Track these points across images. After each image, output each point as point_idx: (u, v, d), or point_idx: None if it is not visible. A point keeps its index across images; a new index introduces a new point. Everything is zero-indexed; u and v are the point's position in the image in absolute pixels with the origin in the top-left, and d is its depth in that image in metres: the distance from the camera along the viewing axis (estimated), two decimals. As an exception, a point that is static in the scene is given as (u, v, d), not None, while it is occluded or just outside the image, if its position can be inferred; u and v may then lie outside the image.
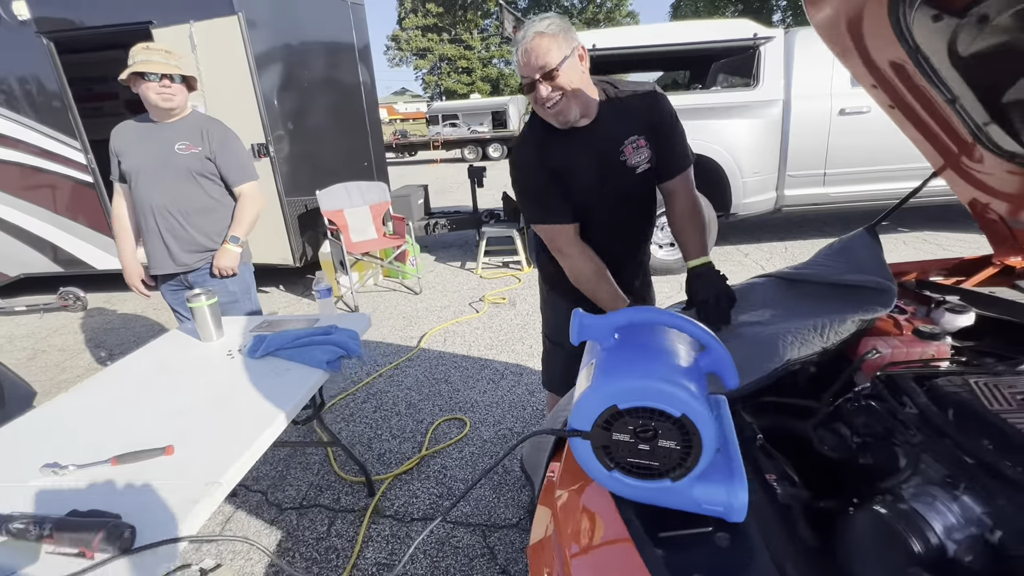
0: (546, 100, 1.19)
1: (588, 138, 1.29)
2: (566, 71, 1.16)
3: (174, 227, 2.03)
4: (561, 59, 1.15)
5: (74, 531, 0.84)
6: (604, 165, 1.31)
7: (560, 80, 1.16)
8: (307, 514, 1.93)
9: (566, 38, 1.17)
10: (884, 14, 0.97)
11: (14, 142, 4.19)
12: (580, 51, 1.21)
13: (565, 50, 1.16)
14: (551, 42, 1.15)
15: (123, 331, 4.00)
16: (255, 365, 1.50)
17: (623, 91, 1.32)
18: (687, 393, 0.77)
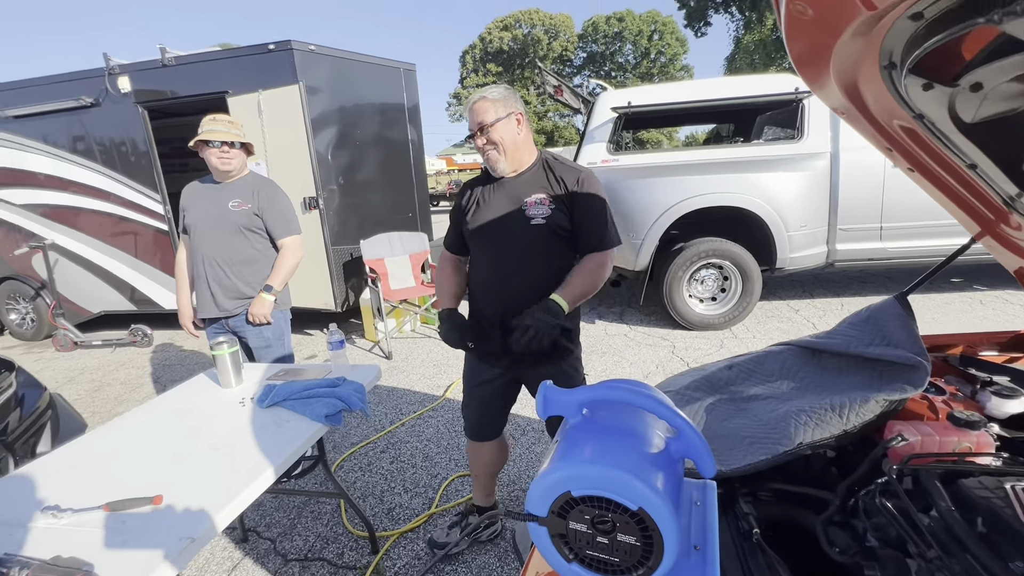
0: (481, 149, 1.50)
1: (505, 188, 1.53)
2: (498, 129, 1.46)
3: (220, 276, 2.25)
4: (495, 119, 1.45)
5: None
6: (507, 212, 1.51)
7: (492, 136, 1.46)
8: (310, 567, 1.91)
9: (505, 104, 1.47)
10: (879, 79, 0.92)
11: (106, 194, 4.76)
12: (518, 116, 1.50)
13: (501, 113, 1.46)
14: (491, 105, 1.47)
15: (179, 367, 4.28)
16: (261, 414, 1.54)
17: (557, 165, 1.54)
18: (645, 484, 0.71)
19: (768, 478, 1.08)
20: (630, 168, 4.12)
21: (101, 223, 4.86)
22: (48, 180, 4.82)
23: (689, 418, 0.82)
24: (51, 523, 1.08)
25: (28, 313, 5.31)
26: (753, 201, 3.86)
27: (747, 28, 23.43)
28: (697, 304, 4.19)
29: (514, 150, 1.50)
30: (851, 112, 1.11)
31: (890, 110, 1.02)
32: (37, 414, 2.31)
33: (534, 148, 1.57)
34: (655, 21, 37.68)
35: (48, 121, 4.63)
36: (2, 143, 4.78)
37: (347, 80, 4.43)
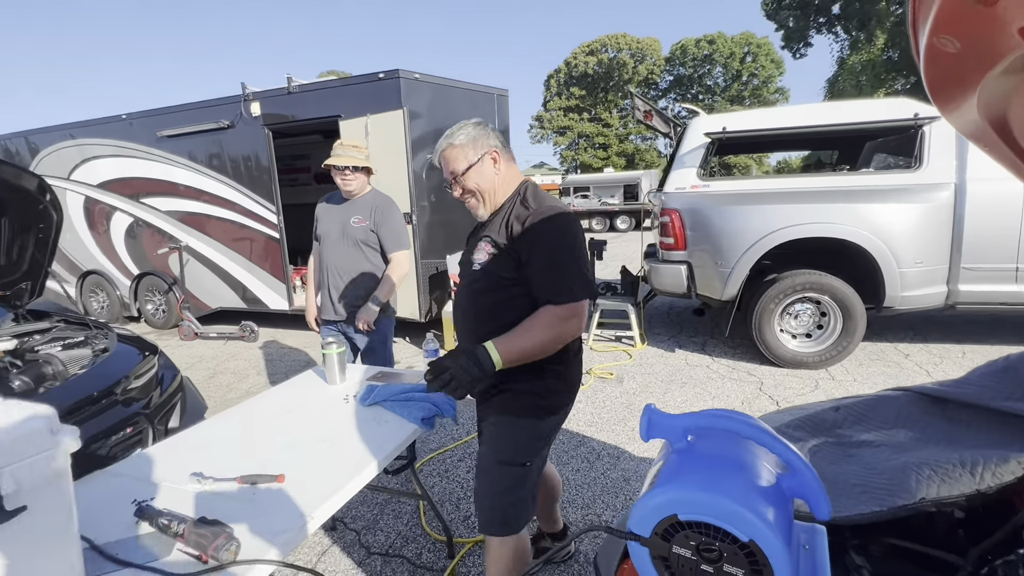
0: (460, 198, 1.40)
1: (481, 230, 1.43)
2: (471, 176, 1.34)
3: (338, 284, 2.52)
4: (467, 167, 1.33)
5: (199, 536, 1.01)
6: (467, 256, 1.45)
7: (467, 184, 1.36)
8: (391, 563, 2.01)
9: (474, 147, 1.34)
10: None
11: (232, 204, 5.39)
12: (492, 155, 1.35)
13: (472, 158, 1.33)
14: (459, 152, 1.34)
15: (279, 363, 4.70)
16: (363, 412, 1.67)
17: (518, 202, 1.35)
18: (757, 516, 0.71)
19: (882, 532, 1.01)
20: (722, 195, 3.99)
21: (225, 229, 5.51)
22: (187, 190, 5.56)
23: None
24: (196, 487, 1.25)
25: (161, 305, 6.10)
26: (860, 233, 3.58)
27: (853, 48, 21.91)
28: (789, 340, 3.93)
29: (492, 194, 1.37)
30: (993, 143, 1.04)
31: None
32: (171, 393, 2.65)
33: (515, 181, 1.40)
34: (749, 43, 36.35)
35: (191, 140, 5.37)
36: (155, 158, 5.60)
37: (445, 105, 4.73)
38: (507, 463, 1.37)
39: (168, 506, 1.18)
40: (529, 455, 1.38)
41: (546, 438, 1.43)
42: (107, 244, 6.19)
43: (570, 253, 1.27)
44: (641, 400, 3.46)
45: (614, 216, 18.50)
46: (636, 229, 17.88)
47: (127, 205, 5.91)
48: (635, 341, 4.64)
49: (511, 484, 1.38)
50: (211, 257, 5.66)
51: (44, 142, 6.12)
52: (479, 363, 1.22)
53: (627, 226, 18.22)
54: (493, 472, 1.39)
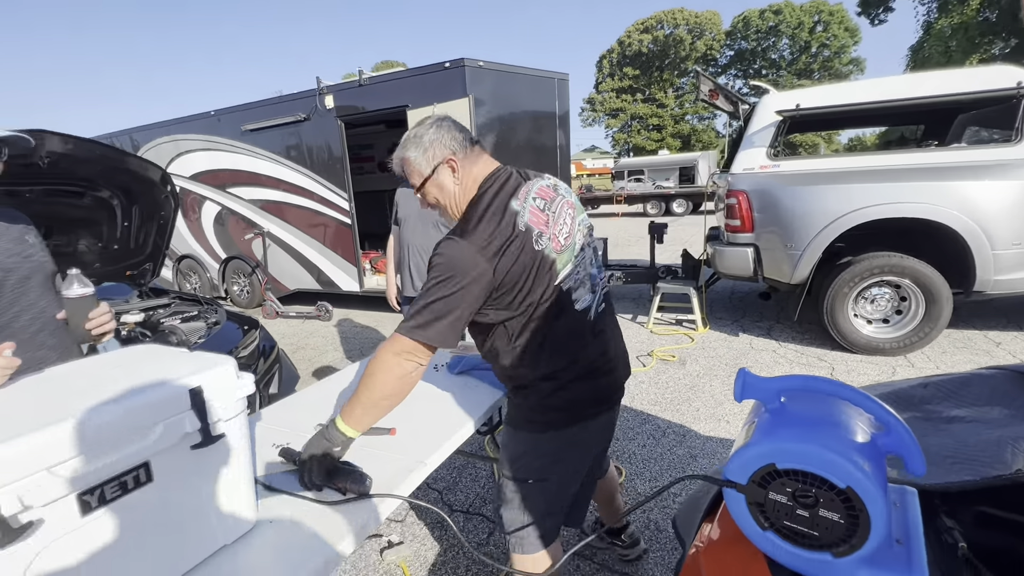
0: (425, 208, 1.31)
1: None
2: (430, 189, 1.24)
3: (418, 263, 2.73)
4: (422, 181, 1.23)
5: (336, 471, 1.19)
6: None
7: (427, 198, 1.27)
8: (472, 519, 2.19)
9: (426, 159, 1.21)
10: None
11: (308, 192, 5.77)
12: (450, 163, 1.21)
13: (426, 171, 1.22)
14: (412, 166, 1.23)
15: (354, 340, 5.04)
16: (452, 379, 1.84)
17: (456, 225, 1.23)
18: (855, 466, 0.77)
19: (972, 501, 1.03)
20: (794, 175, 3.86)
21: (301, 215, 5.90)
22: (268, 180, 5.99)
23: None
24: (323, 436, 1.44)
25: (245, 286, 6.65)
26: (948, 213, 3.38)
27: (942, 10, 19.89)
28: (864, 325, 3.78)
29: (454, 204, 1.24)
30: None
31: None
32: (271, 362, 2.95)
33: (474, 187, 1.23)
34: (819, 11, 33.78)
35: (272, 133, 5.76)
36: (239, 151, 6.06)
37: (507, 91, 4.83)
38: (507, 476, 1.35)
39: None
40: (530, 473, 1.31)
41: (552, 456, 1.30)
42: (198, 231, 6.79)
43: (430, 289, 1.13)
44: (705, 383, 3.46)
45: (670, 200, 17.99)
46: (693, 213, 17.31)
47: (216, 195, 6.45)
48: (697, 325, 4.60)
49: (511, 498, 1.34)
50: (289, 242, 6.10)
51: (144, 139, 6.76)
52: (327, 436, 1.17)
53: (684, 210, 17.68)
54: (499, 484, 1.40)
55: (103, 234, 2.72)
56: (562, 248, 1.22)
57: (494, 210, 1.17)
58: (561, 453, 1.31)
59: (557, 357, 1.24)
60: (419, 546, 2.05)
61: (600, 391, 1.32)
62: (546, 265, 1.18)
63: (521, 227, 1.16)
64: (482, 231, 1.13)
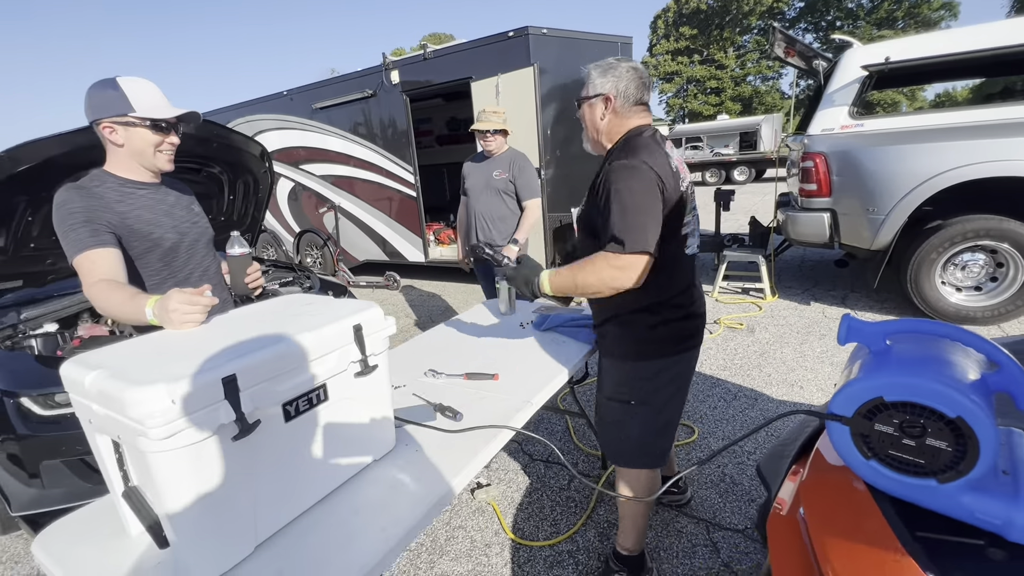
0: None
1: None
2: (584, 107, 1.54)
3: (484, 228, 2.91)
4: (583, 98, 1.54)
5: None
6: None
7: (580, 109, 1.57)
8: (551, 468, 2.35)
9: (594, 85, 1.49)
10: None
11: (375, 167, 6.02)
12: (607, 99, 1.45)
13: (589, 92, 1.51)
14: (586, 82, 1.52)
15: (422, 307, 5.31)
16: (541, 336, 1.96)
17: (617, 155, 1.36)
18: (966, 396, 0.82)
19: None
20: (879, 134, 3.65)
21: (369, 190, 6.18)
22: (337, 156, 6.29)
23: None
24: (433, 381, 1.61)
25: (318, 258, 7.08)
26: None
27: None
28: (953, 292, 3.59)
29: (594, 130, 1.54)
30: None
31: None
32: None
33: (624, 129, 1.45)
34: (907, -50, 30.25)
35: (340, 110, 6.02)
36: (311, 128, 6.38)
37: (571, 58, 4.79)
38: (610, 398, 1.52)
39: (417, 391, 1.55)
40: (632, 395, 1.46)
41: (652, 379, 1.45)
42: (274, 206, 7.26)
43: (630, 205, 1.25)
44: (775, 350, 3.44)
45: (730, 167, 17.17)
46: (756, 180, 16.48)
47: (289, 171, 6.85)
48: (765, 293, 4.51)
49: (617, 419, 1.51)
50: (358, 215, 6.41)
51: (222, 120, 7.21)
52: (530, 282, 1.48)
53: (746, 177, 16.85)
54: (601, 406, 1.58)
55: (213, 207, 3.02)
56: (688, 197, 1.42)
57: (654, 147, 1.35)
58: (657, 379, 1.46)
59: (672, 289, 1.42)
60: (506, 488, 2.24)
61: (697, 328, 1.50)
62: (683, 206, 1.37)
63: (673, 167, 1.36)
64: (650, 156, 1.30)
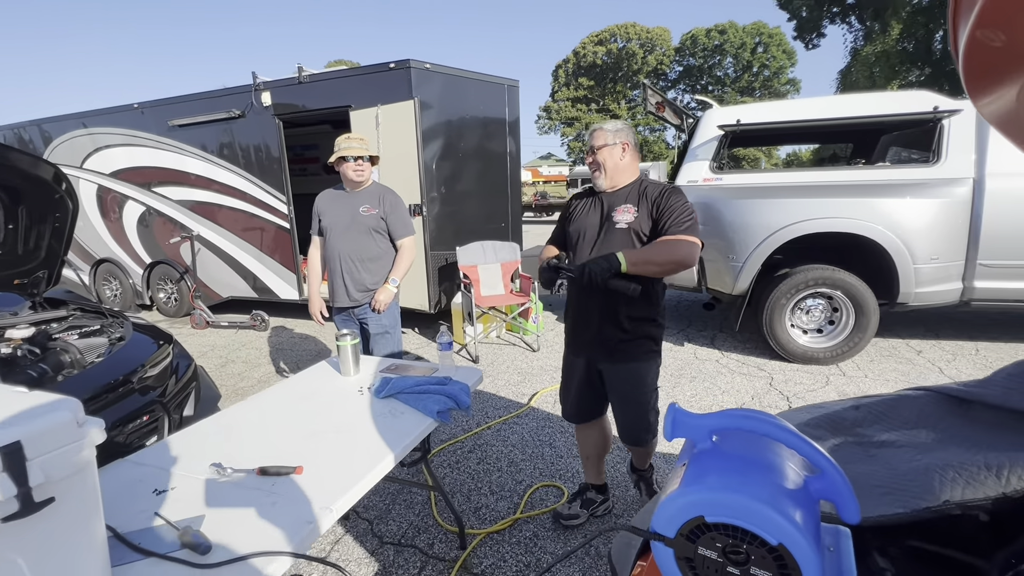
0: (589, 165, 1.86)
1: (602, 199, 1.86)
2: (604, 152, 1.80)
3: (352, 271, 2.59)
4: (603, 144, 1.80)
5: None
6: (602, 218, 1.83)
7: (600, 155, 1.81)
8: (403, 552, 2.03)
9: (616, 135, 1.80)
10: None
11: (242, 194, 5.41)
12: (625, 145, 1.81)
13: (611, 141, 1.80)
14: (608, 131, 1.81)
15: (290, 352, 4.74)
16: (378, 404, 1.68)
17: (648, 183, 1.81)
18: (788, 520, 0.70)
19: (904, 534, 1.00)
20: (734, 188, 3.95)
21: (236, 219, 5.53)
22: (198, 180, 5.57)
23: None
24: (217, 477, 1.26)
25: (172, 293, 6.15)
26: (874, 228, 3.54)
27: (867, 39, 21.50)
28: (800, 335, 3.90)
29: (615, 169, 1.82)
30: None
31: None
32: (186, 382, 2.67)
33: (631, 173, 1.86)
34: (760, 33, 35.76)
35: (203, 129, 5.37)
36: (166, 147, 5.61)
37: (455, 95, 4.70)
38: (653, 389, 1.91)
39: (188, 496, 1.19)
40: (655, 383, 1.91)
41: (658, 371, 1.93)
42: (120, 233, 6.24)
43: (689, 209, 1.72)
44: (650, 394, 3.45)
45: (622, 208, 18.35)
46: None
47: (139, 194, 5.94)
48: (644, 335, 4.62)
49: (653, 404, 1.91)
50: (222, 246, 5.69)
51: (57, 131, 6.15)
52: (608, 261, 1.62)
53: (635, 218, 18.09)
54: (642, 399, 1.88)
55: (-19, 238, 2.38)
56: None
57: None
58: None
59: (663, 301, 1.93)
60: (343, 586, 1.87)
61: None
62: None
63: None
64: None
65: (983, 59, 0.85)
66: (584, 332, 1.89)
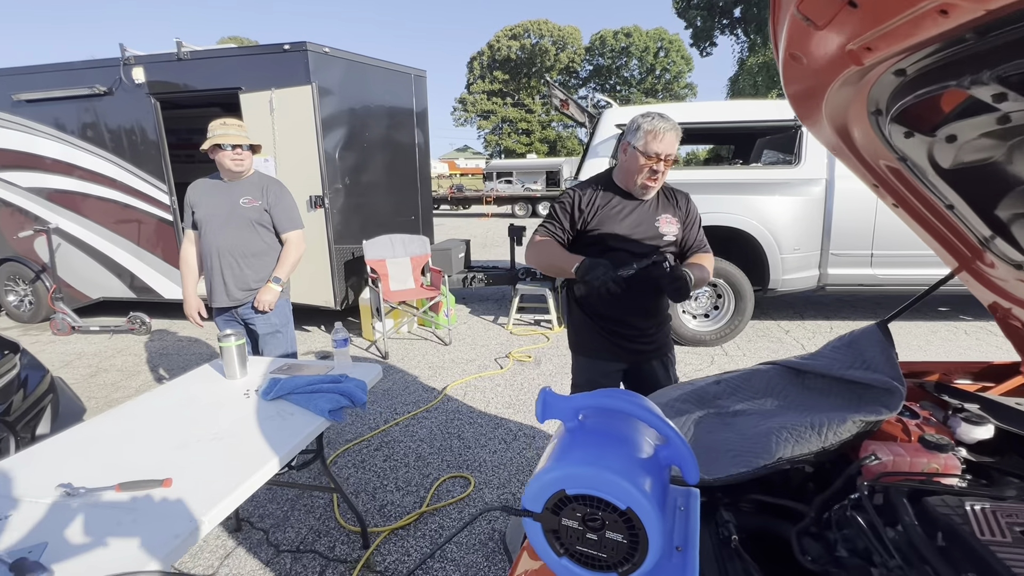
0: (651, 179, 1.65)
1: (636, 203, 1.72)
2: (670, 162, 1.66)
3: (232, 267, 2.38)
4: (675, 151, 1.65)
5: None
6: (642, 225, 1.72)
7: (665, 169, 1.65)
8: (301, 559, 1.95)
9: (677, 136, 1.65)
10: (866, 123, 0.99)
11: (113, 182, 4.80)
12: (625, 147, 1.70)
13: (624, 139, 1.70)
14: (675, 138, 1.62)
15: (176, 357, 4.31)
16: (265, 406, 1.59)
17: (665, 187, 1.79)
18: (634, 486, 0.77)
19: (748, 489, 1.14)
20: (631, 184, 4.20)
21: (105, 210, 4.89)
22: (55, 165, 4.85)
23: (678, 429, 0.88)
24: (66, 500, 1.13)
25: (27, 296, 5.32)
26: (749, 223, 3.95)
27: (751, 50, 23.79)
28: (690, 320, 4.26)
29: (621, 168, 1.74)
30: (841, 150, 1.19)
31: (876, 151, 1.10)
32: (39, 396, 2.34)
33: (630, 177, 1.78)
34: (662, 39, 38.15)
35: (59, 106, 4.68)
36: (12, 126, 4.82)
37: (359, 83, 4.51)
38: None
39: (32, 523, 1.06)
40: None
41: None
42: (-49, 226, 5.27)
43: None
44: (558, 381, 3.60)
45: (537, 202, 18.80)
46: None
47: (-25, 180, 5.05)
48: (553, 324, 4.80)
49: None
50: (89, 241, 5.01)
51: None
52: (688, 280, 1.56)
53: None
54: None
55: None
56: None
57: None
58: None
59: None
60: (232, 602, 1.76)
61: None
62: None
63: None
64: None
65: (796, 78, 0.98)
66: (639, 335, 1.78)
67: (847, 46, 0.73)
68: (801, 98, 1.05)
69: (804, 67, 0.89)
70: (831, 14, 0.66)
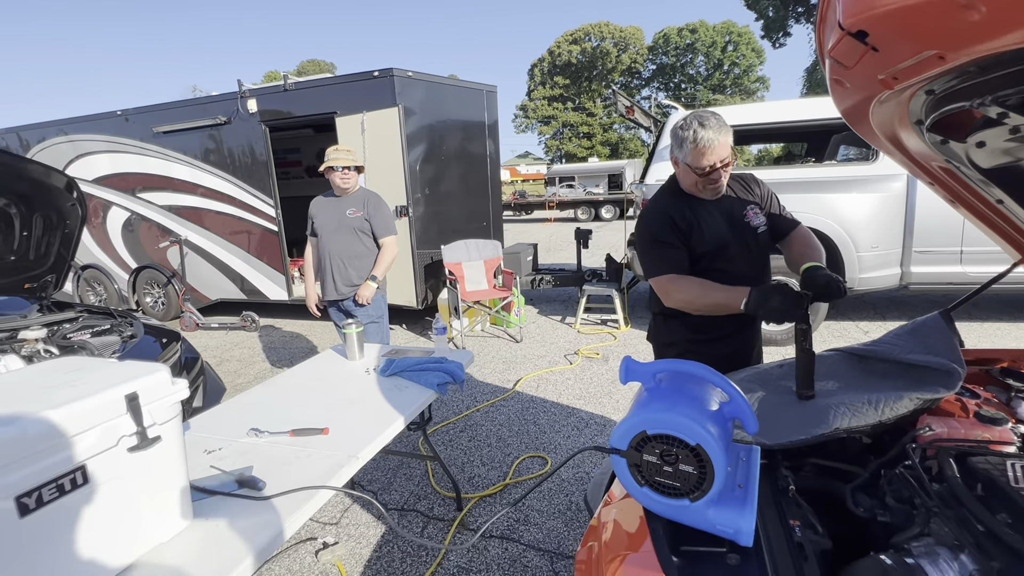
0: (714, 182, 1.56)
1: (716, 203, 1.65)
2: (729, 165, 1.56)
3: (339, 267, 2.86)
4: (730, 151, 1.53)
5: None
6: (731, 224, 1.66)
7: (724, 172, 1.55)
8: (406, 516, 2.28)
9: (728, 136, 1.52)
10: (912, 131, 1.14)
11: (229, 198, 5.54)
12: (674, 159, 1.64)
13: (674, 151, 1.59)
14: (727, 144, 1.50)
15: (282, 350, 4.91)
16: (384, 381, 1.94)
17: (734, 175, 1.73)
18: (701, 427, 0.98)
19: (807, 455, 1.30)
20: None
21: (223, 222, 5.66)
22: (183, 185, 5.69)
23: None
24: (255, 440, 1.50)
25: (160, 298, 6.24)
26: (823, 221, 3.91)
27: (830, 39, 22.38)
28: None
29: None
30: (896, 154, 1.33)
31: (926, 154, 1.24)
32: (195, 375, 2.87)
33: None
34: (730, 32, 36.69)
35: (189, 136, 5.49)
36: (151, 153, 5.71)
37: (437, 101, 4.94)
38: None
39: (234, 454, 1.43)
40: None
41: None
42: (104, 239, 6.29)
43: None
44: (625, 376, 3.76)
45: (599, 205, 18.80)
46: (620, 218, 18.20)
47: (124, 200, 6.02)
48: (619, 324, 4.95)
49: None
50: (210, 250, 5.81)
51: (35, 138, 6.17)
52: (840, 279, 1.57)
53: (612, 215, 18.54)
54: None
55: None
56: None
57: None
58: None
59: None
60: (354, 544, 2.12)
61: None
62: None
63: None
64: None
65: (843, 97, 1.15)
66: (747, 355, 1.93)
67: (878, 76, 0.91)
68: (851, 116, 1.21)
69: (847, 90, 1.07)
70: (856, 58, 0.84)
